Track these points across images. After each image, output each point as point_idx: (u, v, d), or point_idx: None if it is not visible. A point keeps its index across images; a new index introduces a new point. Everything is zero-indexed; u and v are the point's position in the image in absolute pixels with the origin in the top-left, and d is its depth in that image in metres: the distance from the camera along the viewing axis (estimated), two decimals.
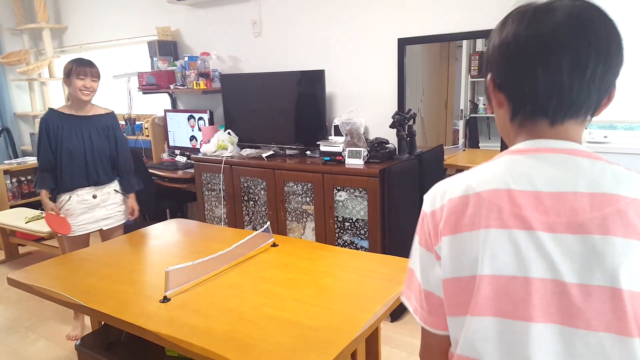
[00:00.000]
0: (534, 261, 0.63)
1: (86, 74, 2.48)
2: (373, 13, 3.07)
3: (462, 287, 0.69)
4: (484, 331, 0.66)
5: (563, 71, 0.68)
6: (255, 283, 1.72)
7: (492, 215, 0.66)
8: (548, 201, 0.65)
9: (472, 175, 0.72)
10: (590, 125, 2.59)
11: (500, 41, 0.73)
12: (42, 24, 4.80)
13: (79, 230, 2.61)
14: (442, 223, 0.71)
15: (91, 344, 1.89)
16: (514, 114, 0.74)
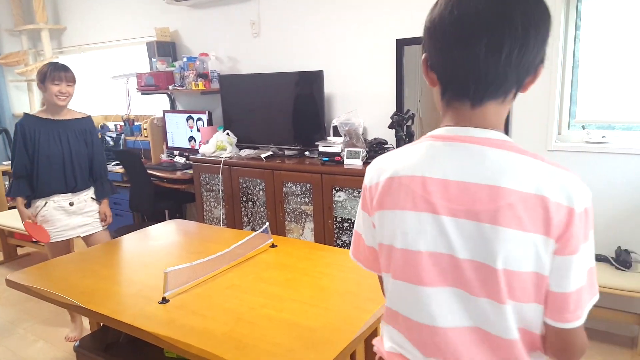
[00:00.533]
0: (436, 239, 0.77)
1: (61, 79, 2.44)
2: (371, 14, 3.08)
3: (385, 252, 0.85)
4: (398, 292, 0.84)
5: (479, 55, 0.72)
6: (254, 284, 1.72)
7: (407, 198, 0.79)
8: (454, 190, 0.76)
9: (399, 158, 0.84)
10: (588, 126, 2.60)
11: (428, 23, 0.78)
12: (40, 25, 4.79)
13: (57, 236, 2.55)
14: (375, 199, 0.85)
15: (90, 345, 1.89)
16: (443, 92, 0.81)
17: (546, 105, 2.58)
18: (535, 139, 2.63)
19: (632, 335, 2.55)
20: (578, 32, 2.54)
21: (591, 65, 2.53)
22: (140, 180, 3.67)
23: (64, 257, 2.16)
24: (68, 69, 2.50)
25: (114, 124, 4.67)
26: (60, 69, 2.46)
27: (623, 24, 2.41)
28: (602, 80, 2.51)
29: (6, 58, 5.02)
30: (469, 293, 0.77)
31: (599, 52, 2.50)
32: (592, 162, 2.50)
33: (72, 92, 2.52)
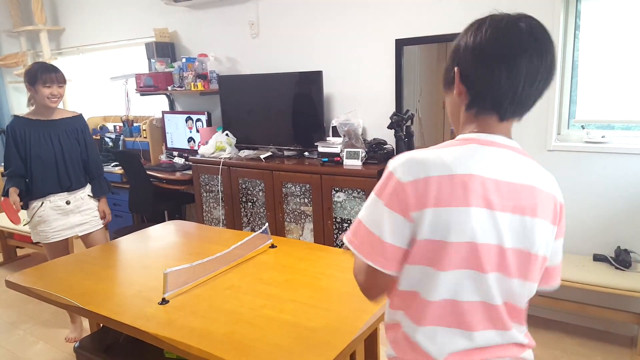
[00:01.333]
0: (490, 232, 0.86)
1: (52, 81, 2.40)
2: (370, 14, 3.08)
3: (435, 247, 0.86)
4: (459, 280, 0.88)
5: (520, 79, 0.86)
6: (254, 284, 1.72)
7: (468, 195, 0.85)
8: (504, 188, 0.88)
9: (447, 156, 0.87)
10: (588, 125, 2.60)
11: (475, 43, 0.89)
12: (39, 26, 4.79)
13: (54, 236, 2.54)
14: (427, 196, 0.85)
15: (90, 347, 1.89)
16: (471, 105, 0.92)
17: (546, 105, 2.58)
18: (535, 138, 2.64)
19: (631, 334, 2.55)
20: (577, 32, 2.54)
21: (591, 65, 2.54)
22: (139, 181, 3.67)
23: (63, 258, 2.15)
24: (58, 70, 2.46)
25: (113, 125, 4.67)
26: (50, 70, 2.42)
27: (622, 24, 2.41)
28: (602, 80, 2.51)
29: (5, 59, 5.02)
30: (506, 275, 0.90)
31: (598, 52, 2.50)
32: (592, 162, 2.50)
33: (63, 93, 2.49)
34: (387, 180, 0.89)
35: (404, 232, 0.88)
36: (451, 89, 0.95)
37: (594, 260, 2.49)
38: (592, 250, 2.56)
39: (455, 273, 0.87)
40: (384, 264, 0.90)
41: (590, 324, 2.66)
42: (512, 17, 0.89)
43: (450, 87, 0.95)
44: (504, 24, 0.88)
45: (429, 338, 0.92)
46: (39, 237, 2.56)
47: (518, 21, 0.88)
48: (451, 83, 0.94)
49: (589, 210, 2.56)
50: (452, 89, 0.94)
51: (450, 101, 0.97)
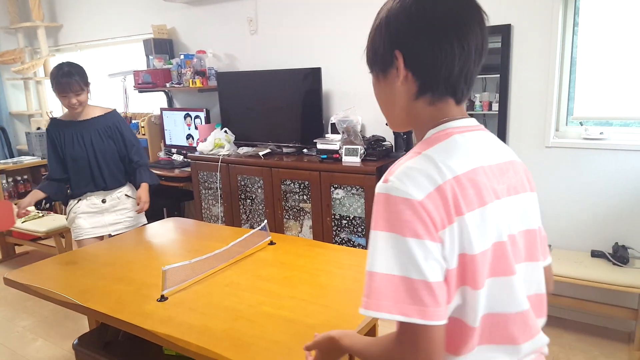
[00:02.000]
0: (504, 223, 0.77)
1: (67, 91, 2.33)
2: (369, 10, 3.07)
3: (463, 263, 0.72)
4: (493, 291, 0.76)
5: (471, 57, 0.76)
6: (253, 281, 1.72)
7: (481, 192, 0.75)
8: (496, 171, 0.80)
9: (440, 157, 0.74)
10: (586, 122, 2.60)
11: (419, 17, 0.75)
12: (37, 23, 4.77)
13: (88, 233, 2.52)
14: (450, 206, 0.71)
15: (89, 344, 1.89)
16: (422, 92, 0.79)
17: (544, 102, 2.58)
18: (533, 135, 2.64)
19: (629, 330, 2.56)
20: (576, 28, 2.54)
21: (589, 62, 2.54)
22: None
23: (61, 255, 2.16)
24: (73, 75, 2.33)
25: None
26: (66, 76, 2.30)
27: (621, 21, 2.41)
28: (600, 76, 2.51)
29: (2, 56, 5.00)
30: (529, 261, 0.83)
31: (597, 49, 2.50)
32: (590, 159, 2.51)
33: (83, 99, 2.40)
34: (393, 207, 0.70)
35: (439, 262, 0.70)
36: (386, 75, 0.81)
37: (592, 256, 2.50)
38: (590, 246, 2.57)
39: (488, 283, 0.75)
40: (440, 313, 0.68)
41: (587, 319, 2.68)
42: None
43: (385, 72, 0.81)
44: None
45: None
46: (75, 232, 2.57)
47: None
48: (385, 68, 0.80)
49: (587, 207, 2.57)
50: (388, 74, 0.80)
51: (387, 90, 0.83)
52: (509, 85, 2.66)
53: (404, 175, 0.72)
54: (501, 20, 2.59)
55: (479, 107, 2.77)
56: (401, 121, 0.85)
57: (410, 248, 0.68)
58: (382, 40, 0.80)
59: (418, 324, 0.67)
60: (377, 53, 0.81)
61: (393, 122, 0.88)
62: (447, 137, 0.78)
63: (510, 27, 2.57)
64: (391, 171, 0.74)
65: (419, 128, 0.83)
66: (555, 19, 2.47)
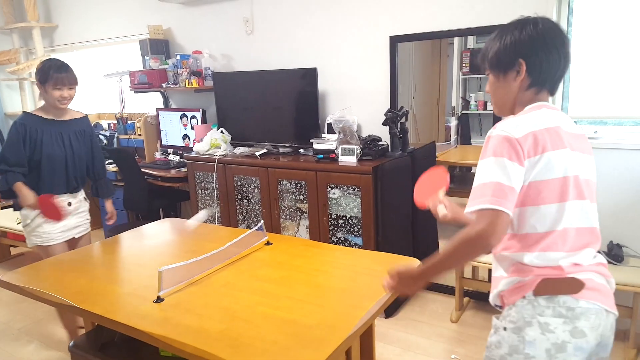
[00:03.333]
0: (573, 167, 1.13)
1: (64, 83, 2.33)
2: (365, 11, 3.08)
3: (548, 185, 1.09)
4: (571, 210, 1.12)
5: (567, 63, 1.18)
6: (249, 282, 1.72)
7: (558, 141, 1.11)
8: (572, 136, 1.16)
9: (536, 117, 1.13)
10: (580, 121, 2.61)
11: (538, 37, 1.15)
12: (32, 23, 4.75)
13: (59, 237, 2.47)
14: (537, 145, 1.08)
15: (84, 345, 1.89)
16: (531, 86, 1.18)
17: None
18: None
19: (624, 328, 2.57)
20: (570, 28, 2.55)
21: (583, 61, 2.55)
22: (134, 178, 3.66)
23: (57, 256, 2.15)
24: (69, 70, 2.38)
25: (107, 123, 4.65)
26: (62, 70, 2.34)
27: (615, 21, 2.42)
28: (594, 76, 2.52)
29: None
30: (584, 199, 1.14)
31: (590, 48, 2.51)
32: None
33: (73, 95, 2.42)
34: (498, 141, 1.08)
35: (521, 178, 1.07)
36: (506, 76, 1.19)
37: None
38: None
39: (566, 204, 1.10)
40: (512, 207, 1.05)
41: None
42: (544, 18, 1.18)
43: (506, 73, 1.19)
44: (549, 21, 1.16)
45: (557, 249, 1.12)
46: (41, 238, 2.44)
47: (550, 20, 1.18)
48: (507, 70, 1.18)
49: None
50: (508, 75, 1.18)
51: (504, 86, 1.21)
52: None
53: (508, 124, 1.11)
54: (496, 20, 2.59)
55: (474, 107, 2.78)
56: (509, 108, 1.23)
57: (506, 165, 1.06)
58: (509, 53, 1.17)
59: (497, 209, 1.03)
60: (501, 61, 1.19)
61: (502, 109, 1.25)
62: (538, 108, 1.16)
63: None
64: (500, 123, 1.12)
65: (522, 107, 1.19)
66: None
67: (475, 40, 2.98)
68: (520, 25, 1.17)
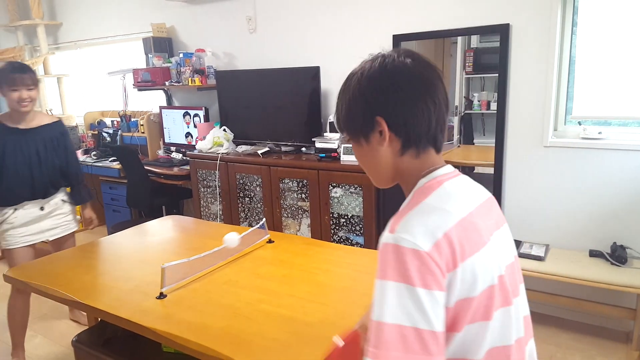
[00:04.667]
0: (501, 256, 0.84)
1: (18, 83, 2.20)
2: (368, 9, 3.07)
3: (481, 298, 0.77)
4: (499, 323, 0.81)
5: (442, 109, 0.85)
6: (251, 279, 1.72)
7: (481, 233, 0.81)
8: (483, 210, 0.86)
9: (439, 204, 0.81)
10: (585, 122, 2.61)
11: (395, 86, 0.84)
12: (36, 21, 4.77)
13: (23, 241, 2.38)
14: (457, 252, 0.75)
15: (88, 340, 1.90)
16: (406, 147, 0.86)
17: (542, 102, 2.59)
18: (532, 135, 2.64)
19: (626, 330, 2.57)
20: (575, 28, 2.55)
21: (588, 62, 2.54)
22: (137, 176, 3.67)
23: (61, 252, 2.16)
24: (26, 70, 2.25)
25: (111, 120, 4.66)
26: (17, 70, 2.22)
27: (620, 21, 2.42)
28: (599, 76, 2.52)
29: (2, 54, 5.00)
30: (518, 289, 0.88)
31: (595, 49, 2.50)
32: (588, 158, 2.51)
33: (34, 95, 2.29)
34: (401, 257, 0.73)
35: (443, 311, 0.73)
36: (369, 140, 0.88)
37: (590, 256, 2.51)
38: (588, 246, 2.57)
39: (496, 315, 0.80)
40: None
41: (585, 319, 2.68)
42: (407, 53, 0.87)
43: (367, 137, 0.87)
44: (412, 61, 0.85)
45: None
46: (5, 242, 2.37)
47: (413, 55, 0.87)
48: (368, 133, 0.87)
49: (585, 206, 2.57)
50: (371, 138, 0.87)
51: (372, 153, 0.89)
52: (508, 85, 2.66)
53: (410, 226, 0.76)
54: (499, 20, 2.59)
55: (477, 107, 2.78)
56: (388, 178, 0.91)
57: (420, 298, 0.71)
58: (360, 110, 0.87)
59: None
60: (356, 122, 0.88)
61: (380, 180, 0.93)
62: (438, 185, 0.84)
63: (508, 27, 2.58)
64: (397, 222, 0.78)
65: (406, 180, 0.89)
66: (554, 18, 2.47)
67: (478, 40, 2.98)
68: (367, 71, 0.89)
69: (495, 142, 2.75)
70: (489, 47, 3.16)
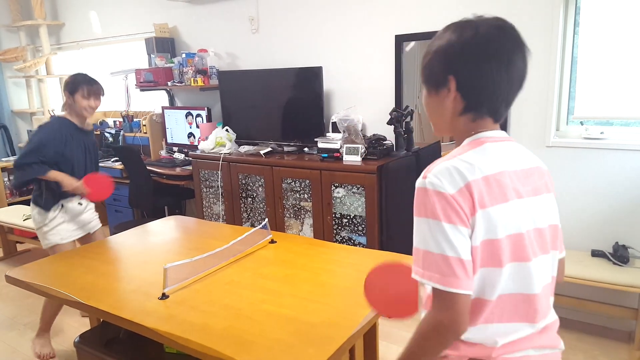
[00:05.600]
0: (527, 219, 0.92)
1: (97, 94, 2.55)
2: (370, 9, 3.07)
3: (489, 247, 0.88)
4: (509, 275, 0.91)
5: (515, 81, 0.91)
6: (254, 279, 1.72)
7: (504, 191, 0.90)
8: (521, 175, 0.94)
9: (472, 160, 0.89)
10: (587, 122, 2.60)
11: (472, 44, 0.89)
12: (38, 21, 4.78)
13: (71, 235, 2.59)
14: (475, 200, 0.86)
15: (90, 341, 1.90)
16: (467, 111, 0.94)
17: (545, 101, 2.58)
18: (534, 134, 2.64)
19: (629, 330, 2.56)
20: (577, 28, 2.54)
21: (590, 62, 2.53)
22: (139, 176, 3.67)
23: (63, 253, 2.16)
24: (97, 83, 2.59)
25: (113, 120, 4.67)
26: (92, 83, 2.55)
27: (622, 20, 2.41)
28: (601, 76, 2.51)
29: (4, 54, 5.01)
30: (548, 252, 0.96)
31: (598, 49, 2.50)
32: (591, 158, 2.51)
33: (99, 105, 2.62)
34: (430, 198, 0.86)
35: (469, 243, 0.86)
36: (438, 93, 0.95)
37: (592, 255, 2.50)
38: (590, 246, 2.57)
39: (508, 267, 0.90)
40: (470, 284, 0.86)
41: (588, 319, 2.68)
42: (496, 19, 0.92)
43: (438, 90, 0.95)
44: (495, 24, 0.90)
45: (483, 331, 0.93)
46: (60, 236, 2.54)
47: (503, 23, 0.92)
48: (439, 87, 0.94)
49: (587, 206, 2.57)
50: (440, 92, 0.94)
51: (436, 104, 0.97)
52: None
53: (439, 172, 0.87)
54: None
55: None
56: (444, 129, 0.99)
57: (446, 231, 0.85)
58: (439, 64, 0.93)
59: (453, 292, 0.84)
60: (432, 73, 0.95)
61: (438, 129, 1.01)
62: (479, 144, 0.93)
63: None
64: (429, 169, 0.89)
65: (459, 137, 0.98)
66: (556, 19, 2.47)
67: None
68: (459, 29, 0.92)
69: None
70: None
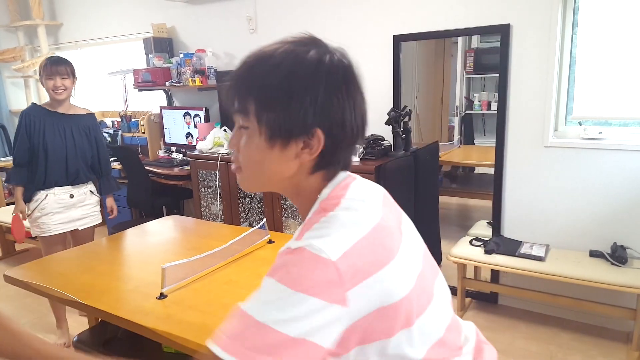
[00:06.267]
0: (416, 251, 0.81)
1: (54, 73, 2.43)
2: (368, 9, 3.08)
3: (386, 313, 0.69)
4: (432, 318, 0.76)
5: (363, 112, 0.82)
6: (252, 279, 1.72)
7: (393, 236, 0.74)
8: (392, 206, 0.83)
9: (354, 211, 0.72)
10: (585, 122, 2.61)
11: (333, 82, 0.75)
12: (37, 21, 4.77)
13: (55, 229, 2.56)
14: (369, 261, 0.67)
15: (88, 341, 1.90)
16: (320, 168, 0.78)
17: (543, 102, 2.59)
18: (532, 135, 2.64)
19: (627, 330, 2.57)
20: (575, 28, 2.55)
21: (588, 62, 2.54)
22: (137, 176, 3.67)
23: (62, 252, 2.16)
24: (62, 62, 2.47)
25: (111, 120, 4.67)
26: (54, 62, 2.45)
27: (620, 21, 2.42)
28: (599, 76, 2.52)
29: (2, 54, 5.00)
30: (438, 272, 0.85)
31: (596, 49, 2.50)
32: (589, 159, 2.51)
33: (68, 84, 2.50)
34: (309, 266, 0.63)
35: (338, 328, 0.64)
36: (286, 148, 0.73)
37: (590, 256, 2.51)
38: (589, 246, 2.57)
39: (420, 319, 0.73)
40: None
41: (586, 319, 2.68)
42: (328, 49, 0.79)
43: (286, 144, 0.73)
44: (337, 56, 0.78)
45: None
46: (39, 229, 2.57)
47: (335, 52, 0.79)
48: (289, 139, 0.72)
49: (585, 207, 2.57)
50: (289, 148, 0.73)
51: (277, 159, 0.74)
52: (508, 85, 2.66)
53: (319, 232, 0.67)
54: (500, 20, 2.59)
55: (478, 107, 2.78)
56: (270, 186, 0.79)
57: (318, 307, 0.62)
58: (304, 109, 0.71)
59: None
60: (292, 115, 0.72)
61: (257, 185, 0.80)
62: (345, 189, 0.75)
63: (509, 27, 2.58)
64: (306, 228, 0.70)
65: (305, 195, 0.78)
66: (555, 19, 2.47)
67: (479, 40, 2.98)
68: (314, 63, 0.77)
69: (496, 142, 2.75)
70: (490, 47, 3.16)
